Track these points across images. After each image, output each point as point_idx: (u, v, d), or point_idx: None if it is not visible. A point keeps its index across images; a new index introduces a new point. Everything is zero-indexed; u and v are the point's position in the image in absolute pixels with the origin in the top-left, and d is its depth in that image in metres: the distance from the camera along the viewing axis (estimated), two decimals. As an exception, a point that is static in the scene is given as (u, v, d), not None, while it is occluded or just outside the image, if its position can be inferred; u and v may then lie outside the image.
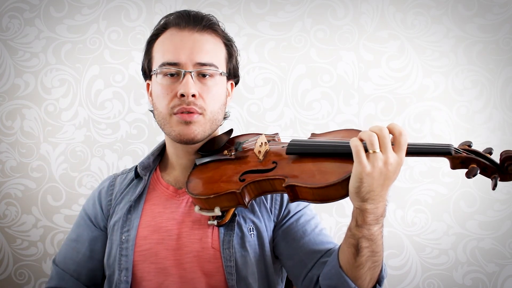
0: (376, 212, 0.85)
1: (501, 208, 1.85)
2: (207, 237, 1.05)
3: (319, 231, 1.08)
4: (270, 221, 1.10)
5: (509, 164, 0.83)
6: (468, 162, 0.85)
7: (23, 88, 1.98)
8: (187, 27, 1.07)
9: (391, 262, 1.89)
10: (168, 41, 1.07)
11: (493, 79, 1.86)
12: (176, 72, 1.05)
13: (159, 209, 1.11)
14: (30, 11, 1.97)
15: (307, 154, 0.96)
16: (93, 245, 1.16)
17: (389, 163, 0.81)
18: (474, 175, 0.82)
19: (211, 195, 0.98)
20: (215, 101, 1.08)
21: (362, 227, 0.86)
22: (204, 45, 1.06)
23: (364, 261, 0.88)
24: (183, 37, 1.06)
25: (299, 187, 0.90)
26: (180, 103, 1.04)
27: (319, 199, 0.89)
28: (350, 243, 0.88)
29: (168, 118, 1.07)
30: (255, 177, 0.97)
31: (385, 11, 1.90)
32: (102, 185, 1.23)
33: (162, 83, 1.06)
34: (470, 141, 0.89)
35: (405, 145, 0.83)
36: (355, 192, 0.83)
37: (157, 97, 1.08)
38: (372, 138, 0.81)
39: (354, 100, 1.91)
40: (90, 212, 1.19)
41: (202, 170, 1.07)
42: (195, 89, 1.04)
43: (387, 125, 0.84)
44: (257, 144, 1.04)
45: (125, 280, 1.06)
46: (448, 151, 0.85)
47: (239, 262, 1.04)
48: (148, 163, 1.17)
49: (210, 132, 1.10)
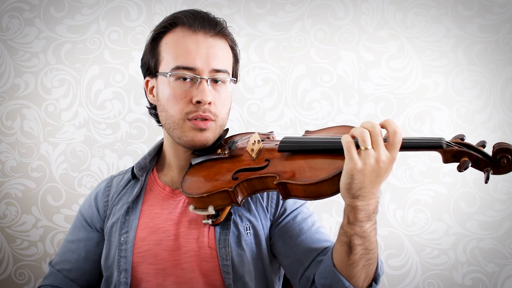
0: (367, 209, 0.84)
1: (501, 208, 1.85)
2: (204, 236, 1.05)
3: (316, 229, 1.08)
4: (267, 219, 1.09)
5: (501, 156, 0.81)
6: (460, 155, 0.83)
7: (23, 88, 1.98)
8: (201, 30, 1.05)
9: (391, 262, 1.89)
10: (181, 42, 1.05)
11: (493, 79, 1.86)
12: (192, 77, 1.04)
13: (157, 210, 1.11)
14: (30, 11, 1.97)
15: (299, 151, 0.96)
16: (89, 246, 1.16)
17: (380, 160, 0.81)
18: (466, 168, 0.81)
19: (204, 194, 0.98)
20: (225, 107, 1.08)
21: (354, 224, 0.85)
22: (218, 51, 1.06)
23: (358, 259, 0.87)
24: (198, 42, 1.04)
25: (290, 184, 0.90)
26: (196, 109, 1.03)
27: (311, 196, 0.89)
28: (343, 241, 0.88)
29: (180, 123, 1.05)
30: (247, 175, 0.97)
31: (385, 11, 1.90)
32: (99, 187, 1.23)
33: (175, 87, 1.04)
34: (462, 134, 0.87)
35: (398, 143, 0.82)
36: (346, 189, 0.82)
37: (168, 100, 1.06)
38: (364, 135, 0.80)
39: (354, 100, 1.91)
40: (86, 213, 1.19)
41: (197, 170, 1.07)
42: (212, 96, 1.04)
43: (382, 121, 0.83)
44: (249, 142, 1.05)
45: (125, 282, 1.06)
46: (440, 144, 0.83)
47: (236, 261, 1.03)
48: (145, 163, 1.17)
49: (218, 137, 1.10)
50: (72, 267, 1.16)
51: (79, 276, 1.16)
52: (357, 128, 0.82)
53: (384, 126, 0.82)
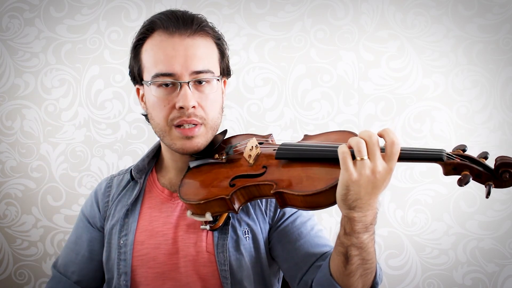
0: (364, 220, 0.82)
1: (501, 208, 1.85)
2: (202, 241, 1.05)
3: (315, 233, 1.06)
4: (265, 223, 1.08)
5: (503, 171, 0.79)
6: (461, 168, 0.81)
7: (23, 88, 1.98)
8: (177, 31, 1.01)
9: (391, 262, 1.89)
10: (158, 48, 1.02)
11: (493, 79, 1.85)
12: (172, 83, 1.01)
13: (155, 212, 1.10)
14: (30, 11, 1.97)
15: (296, 159, 0.94)
16: (92, 246, 1.16)
17: (377, 171, 0.78)
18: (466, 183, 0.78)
19: (201, 201, 0.97)
20: (214, 107, 1.05)
21: (351, 236, 0.83)
22: (198, 51, 1.01)
23: (355, 269, 0.86)
24: (174, 44, 1.00)
25: (287, 194, 0.88)
26: (180, 115, 1.01)
27: (308, 206, 0.88)
28: (339, 251, 0.86)
29: (167, 130, 1.04)
30: (245, 182, 0.95)
31: (385, 11, 1.89)
32: (100, 186, 1.22)
33: (157, 95, 1.02)
34: (464, 145, 0.85)
35: (396, 154, 0.79)
36: (342, 200, 0.81)
37: (153, 109, 1.04)
38: (360, 145, 0.78)
39: (354, 100, 1.90)
40: (88, 213, 1.19)
41: (194, 174, 1.06)
42: (194, 100, 1.01)
43: (381, 131, 0.80)
44: (247, 148, 1.03)
45: (125, 285, 1.06)
46: (440, 156, 0.81)
47: (234, 266, 1.03)
48: (143, 165, 1.16)
49: (212, 138, 1.08)
50: (76, 268, 1.15)
51: (83, 277, 1.15)
52: (354, 138, 0.80)
53: (382, 136, 0.80)
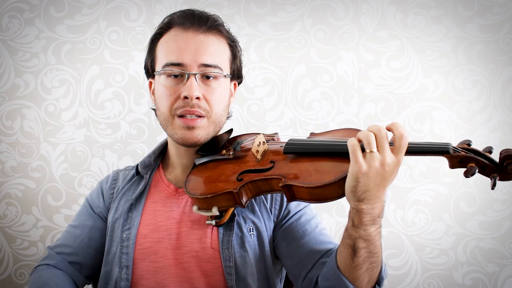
0: (372, 212, 0.84)
1: (501, 208, 1.85)
2: (206, 237, 1.05)
3: (319, 231, 1.08)
4: (270, 221, 1.09)
5: (508, 163, 0.81)
6: (467, 161, 0.83)
7: (23, 88, 1.98)
8: (192, 27, 1.05)
9: (391, 262, 1.89)
10: (171, 41, 1.06)
11: (493, 79, 1.86)
12: (180, 73, 1.04)
13: (159, 207, 1.11)
14: (30, 11, 1.97)
15: (304, 153, 0.96)
16: (92, 233, 1.16)
17: (386, 163, 0.80)
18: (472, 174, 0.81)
19: (208, 195, 0.98)
20: (219, 103, 1.08)
21: (359, 228, 0.85)
22: (209, 46, 1.05)
23: (362, 262, 0.87)
24: (188, 38, 1.05)
25: (296, 187, 0.90)
26: (183, 105, 1.04)
27: (316, 199, 0.89)
28: (347, 244, 0.88)
29: (170, 119, 1.06)
30: (252, 176, 0.97)
31: (385, 11, 1.90)
32: (106, 178, 1.24)
33: (165, 84, 1.06)
34: (469, 140, 0.88)
35: (404, 147, 0.82)
36: (351, 192, 0.83)
37: (159, 98, 1.08)
38: (370, 138, 0.80)
39: (354, 100, 1.91)
40: (93, 202, 1.20)
41: (201, 170, 1.07)
42: (199, 91, 1.03)
43: (389, 124, 0.83)
44: (255, 144, 1.04)
45: (126, 278, 1.06)
46: (446, 150, 0.83)
47: (239, 263, 1.03)
48: (149, 161, 1.18)
49: (214, 134, 1.10)
50: (72, 251, 1.14)
51: (78, 261, 1.14)
52: (363, 131, 0.82)
53: (390, 129, 0.82)
